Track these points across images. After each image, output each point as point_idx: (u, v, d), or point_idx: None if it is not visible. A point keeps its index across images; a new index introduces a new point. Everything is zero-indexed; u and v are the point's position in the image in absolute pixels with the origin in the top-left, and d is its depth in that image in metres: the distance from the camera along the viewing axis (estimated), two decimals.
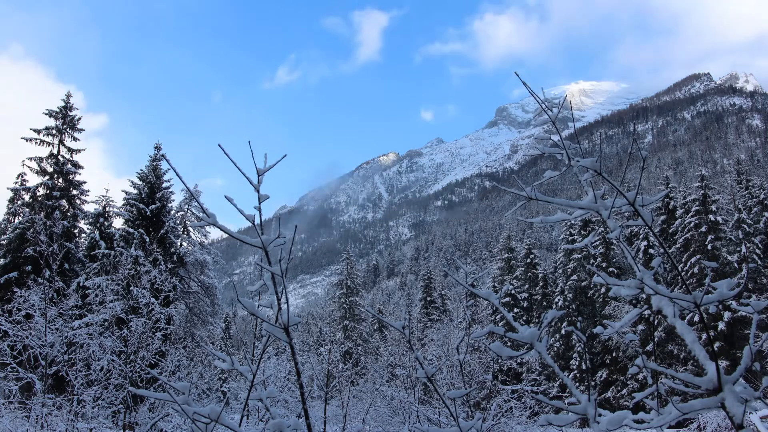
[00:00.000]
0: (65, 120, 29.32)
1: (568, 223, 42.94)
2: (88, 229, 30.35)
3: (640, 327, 34.06)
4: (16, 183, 28.95)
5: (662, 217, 38.90)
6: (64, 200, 28.59)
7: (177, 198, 30.96)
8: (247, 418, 12.80)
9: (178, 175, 2.63)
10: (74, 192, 29.49)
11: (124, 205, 29.56)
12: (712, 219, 34.72)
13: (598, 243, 39.35)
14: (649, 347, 33.46)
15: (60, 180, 29.05)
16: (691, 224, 35.37)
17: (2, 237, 28.49)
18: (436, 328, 25.10)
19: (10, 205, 28.82)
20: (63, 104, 29.60)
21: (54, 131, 29.15)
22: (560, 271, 46.33)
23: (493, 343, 2.60)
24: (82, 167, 29.80)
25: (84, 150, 30.06)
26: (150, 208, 28.59)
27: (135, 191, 29.39)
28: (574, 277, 42.62)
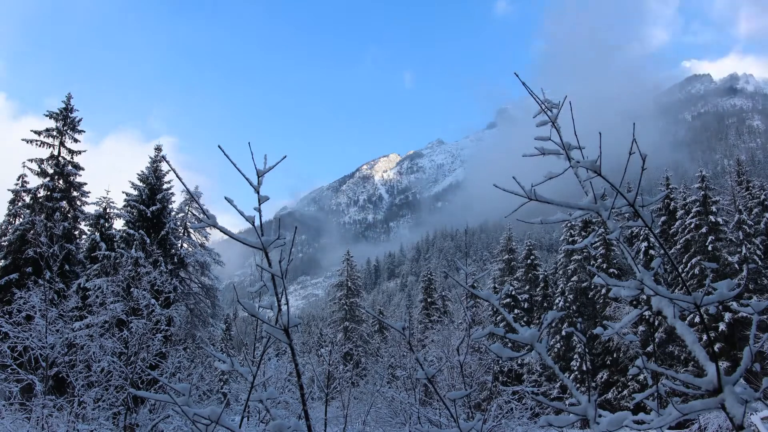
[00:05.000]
0: (66, 121, 29.36)
1: (569, 224, 42.93)
2: (88, 230, 30.38)
3: (641, 328, 34.02)
4: (16, 184, 29.00)
5: (663, 218, 38.88)
6: (64, 202, 28.61)
7: (177, 199, 30.97)
8: (248, 420, 12.81)
9: (178, 176, 2.63)
10: (75, 193, 29.52)
11: (124, 206, 29.57)
12: (713, 220, 34.69)
13: (598, 244, 39.32)
14: (649, 348, 33.42)
15: (60, 181, 29.07)
16: (692, 225, 35.34)
17: (3, 238, 28.51)
18: (436, 330, 25.11)
19: (11, 207, 28.86)
20: (64, 106, 29.64)
21: (54, 133, 29.19)
22: (561, 272, 46.29)
23: (493, 344, 2.60)
24: (83, 168, 29.85)
25: (84, 151, 30.11)
26: (150, 209, 28.60)
27: (135, 193, 29.41)
28: (575, 278, 42.58)
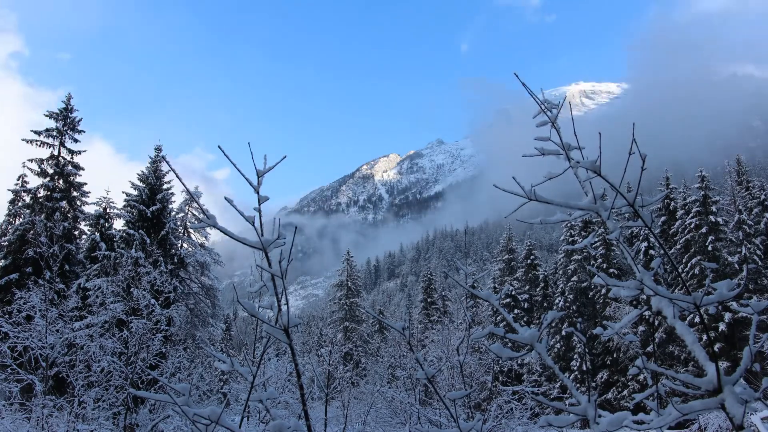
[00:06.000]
0: (66, 122, 29.33)
1: (569, 224, 42.91)
2: (88, 230, 30.36)
3: (641, 328, 34.01)
4: (16, 184, 28.98)
5: (663, 218, 38.86)
6: (64, 202, 28.59)
7: (178, 199, 30.93)
8: (248, 420, 12.81)
9: (178, 176, 2.63)
10: (75, 193, 29.49)
11: (124, 206, 29.55)
12: (713, 220, 34.68)
13: (598, 244, 39.32)
14: (649, 348, 33.42)
15: (60, 181, 29.05)
16: (692, 225, 35.33)
17: (3, 238, 28.50)
18: (436, 330, 25.10)
19: (11, 207, 28.84)
20: (63, 106, 29.62)
21: (54, 133, 29.16)
22: (561, 272, 46.28)
23: (493, 344, 2.60)
24: (83, 168, 29.81)
25: (84, 151, 30.09)
26: (150, 209, 28.57)
27: (135, 193, 29.38)
28: (575, 278, 42.57)
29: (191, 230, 31.31)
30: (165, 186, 29.76)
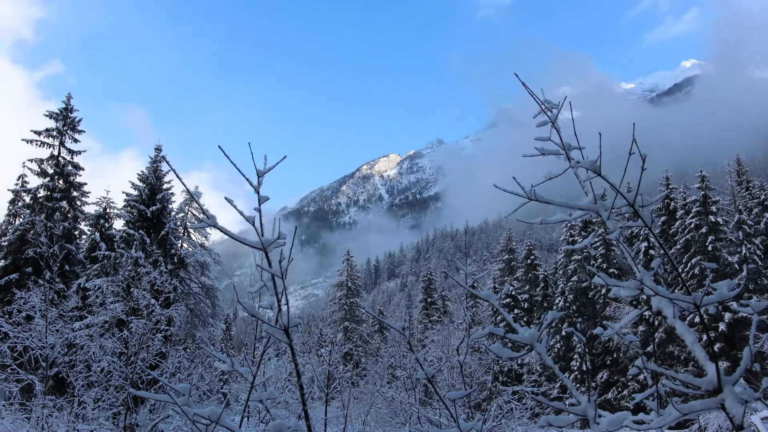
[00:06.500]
0: (66, 122, 29.32)
1: (569, 224, 42.89)
2: (88, 230, 30.35)
3: (641, 328, 34.00)
4: (16, 184, 28.97)
5: (663, 218, 38.85)
6: (64, 202, 28.59)
7: (178, 199, 30.90)
8: (248, 420, 12.81)
9: (178, 176, 2.63)
10: (75, 193, 29.49)
11: (124, 206, 29.53)
12: (713, 220, 34.67)
13: (598, 244, 39.30)
14: (649, 348, 33.41)
15: (60, 181, 29.05)
16: (692, 225, 35.32)
17: (3, 238, 28.49)
18: (436, 330, 25.09)
19: (11, 207, 28.83)
20: (64, 106, 29.61)
21: (54, 133, 29.15)
22: (561, 272, 46.27)
23: (493, 344, 2.60)
24: (83, 168, 29.81)
25: (84, 151, 30.08)
26: (150, 209, 28.56)
27: (135, 193, 29.37)
28: (575, 278, 42.56)
29: (191, 230, 31.29)
30: (165, 186, 29.74)
